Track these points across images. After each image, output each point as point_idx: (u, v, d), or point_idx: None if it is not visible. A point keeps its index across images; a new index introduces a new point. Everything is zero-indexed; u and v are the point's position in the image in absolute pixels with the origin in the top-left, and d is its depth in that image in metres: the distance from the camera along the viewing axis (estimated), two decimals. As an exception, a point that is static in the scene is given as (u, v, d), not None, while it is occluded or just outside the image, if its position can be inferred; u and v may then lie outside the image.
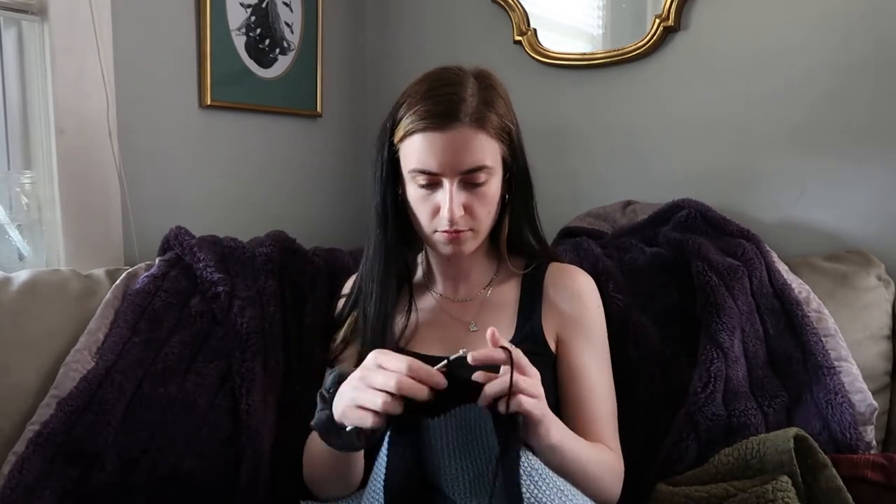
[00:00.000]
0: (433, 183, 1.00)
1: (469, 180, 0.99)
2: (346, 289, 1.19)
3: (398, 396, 0.80)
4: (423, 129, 0.97)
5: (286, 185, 1.84)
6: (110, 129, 1.40)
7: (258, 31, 1.71)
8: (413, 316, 1.11)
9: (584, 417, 1.03)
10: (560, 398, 1.05)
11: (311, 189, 1.90)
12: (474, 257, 1.11)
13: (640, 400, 1.18)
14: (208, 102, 1.61)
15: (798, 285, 1.26)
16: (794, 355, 1.18)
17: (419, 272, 1.17)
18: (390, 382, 0.79)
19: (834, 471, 0.96)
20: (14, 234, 1.35)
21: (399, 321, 1.10)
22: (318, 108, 1.88)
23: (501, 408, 0.80)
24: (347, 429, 0.85)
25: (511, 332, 1.08)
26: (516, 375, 0.80)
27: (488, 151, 0.99)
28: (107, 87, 1.39)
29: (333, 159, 1.96)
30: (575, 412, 1.03)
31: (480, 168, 0.98)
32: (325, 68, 1.88)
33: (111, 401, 1.08)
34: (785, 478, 0.94)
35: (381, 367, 0.82)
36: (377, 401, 0.80)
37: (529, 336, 1.07)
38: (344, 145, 1.98)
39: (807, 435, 1.00)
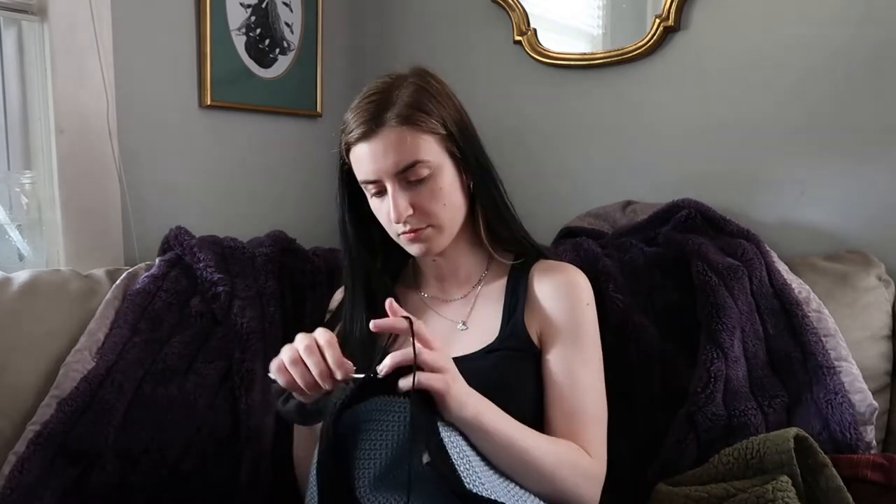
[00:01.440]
0: (380, 189, 1.02)
1: (410, 178, 0.99)
2: (333, 304, 1.19)
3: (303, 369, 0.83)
4: (356, 141, 1.01)
5: (286, 185, 1.84)
6: (110, 129, 1.40)
7: (258, 31, 1.71)
8: None
9: (563, 412, 1.00)
10: (543, 395, 1.03)
11: (311, 189, 1.89)
12: (458, 254, 1.10)
13: (639, 400, 1.18)
14: (208, 102, 1.62)
15: (798, 285, 1.26)
16: (794, 355, 1.18)
17: (409, 275, 1.17)
18: (299, 347, 0.84)
19: (834, 471, 0.96)
20: (14, 234, 1.35)
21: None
22: (318, 108, 1.88)
23: (403, 384, 0.80)
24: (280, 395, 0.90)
25: (497, 328, 1.07)
26: (417, 348, 0.80)
27: (422, 147, 0.99)
28: (107, 87, 1.39)
29: (333, 159, 1.95)
30: (555, 408, 1.01)
31: (414, 164, 0.98)
32: (325, 68, 1.88)
33: (111, 401, 1.08)
34: (785, 478, 0.94)
35: (299, 339, 0.86)
36: (284, 357, 0.85)
37: (512, 333, 1.05)
38: (344, 145, 1.98)
39: (807, 435, 0.99)
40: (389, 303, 0.85)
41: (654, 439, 1.14)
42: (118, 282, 1.24)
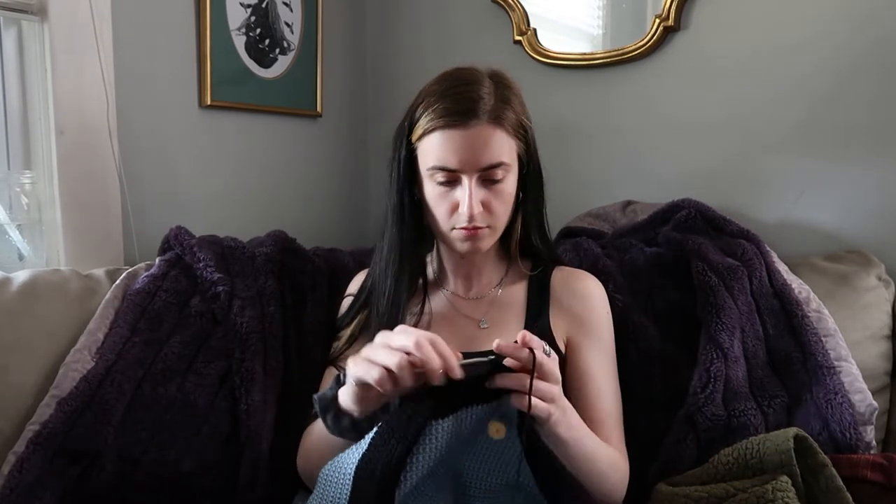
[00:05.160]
0: (452, 180, 1.01)
1: (487, 177, 1.00)
2: (353, 288, 1.19)
3: (411, 367, 0.79)
4: (444, 127, 0.98)
5: (286, 185, 1.84)
6: (110, 129, 1.40)
7: (258, 30, 1.71)
8: (426, 313, 1.12)
9: (592, 419, 1.03)
10: (568, 399, 1.05)
11: (311, 189, 1.90)
12: (486, 256, 1.12)
13: (639, 400, 1.17)
14: (208, 102, 1.61)
15: (798, 285, 1.26)
16: (794, 355, 1.18)
17: (430, 271, 1.18)
18: (409, 342, 0.79)
19: (834, 471, 0.96)
20: (14, 234, 1.35)
21: (411, 319, 1.11)
22: (318, 108, 1.88)
23: (514, 403, 0.82)
24: (347, 383, 0.85)
25: (520, 330, 1.07)
26: (534, 380, 0.82)
27: (506, 148, 1.00)
28: (107, 87, 1.39)
29: (333, 159, 1.96)
30: (583, 414, 1.02)
31: (499, 165, 1.00)
32: (325, 68, 1.88)
33: (111, 401, 1.08)
34: (785, 478, 0.94)
35: (405, 332, 0.82)
36: (392, 359, 0.79)
37: (538, 336, 1.06)
38: (344, 145, 1.98)
39: (807, 435, 0.99)
40: (523, 335, 0.83)
41: (654, 439, 1.14)
42: (118, 282, 1.24)
